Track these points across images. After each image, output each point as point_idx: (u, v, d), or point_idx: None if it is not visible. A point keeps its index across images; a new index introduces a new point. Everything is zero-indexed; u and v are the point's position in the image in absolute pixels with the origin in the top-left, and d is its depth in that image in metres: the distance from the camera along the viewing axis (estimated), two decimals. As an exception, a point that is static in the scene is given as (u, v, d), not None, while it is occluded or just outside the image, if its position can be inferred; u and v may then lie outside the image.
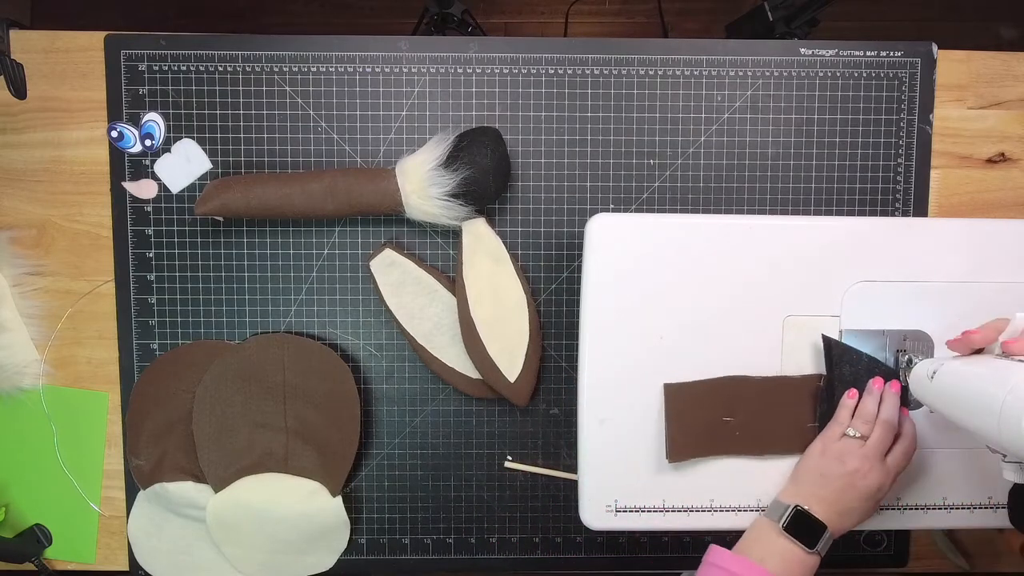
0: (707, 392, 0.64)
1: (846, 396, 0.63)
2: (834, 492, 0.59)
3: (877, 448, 0.59)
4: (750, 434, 0.65)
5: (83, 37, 0.74)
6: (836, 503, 0.59)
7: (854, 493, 0.59)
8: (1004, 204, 0.77)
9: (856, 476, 0.59)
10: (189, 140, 0.74)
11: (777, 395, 0.65)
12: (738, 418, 0.65)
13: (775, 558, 0.58)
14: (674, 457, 0.64)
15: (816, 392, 0.65)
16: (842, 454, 0.60)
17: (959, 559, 0.78)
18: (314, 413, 0.73)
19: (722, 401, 0.65)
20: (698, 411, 0.64)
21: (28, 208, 0.75)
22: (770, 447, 0.65)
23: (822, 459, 0.61)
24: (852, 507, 0.59)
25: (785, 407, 0.65)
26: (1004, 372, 0.48)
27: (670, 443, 0.64)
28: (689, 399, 0.64)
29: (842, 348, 0.64)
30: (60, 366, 0.76)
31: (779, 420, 0.65)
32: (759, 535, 0.60)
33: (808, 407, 0.65)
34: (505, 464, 0.76)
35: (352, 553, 0.77)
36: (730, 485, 0.65)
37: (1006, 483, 0.52)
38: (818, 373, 0.65)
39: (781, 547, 0.58)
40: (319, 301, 0.75)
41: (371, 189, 0.69)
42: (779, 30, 0.87)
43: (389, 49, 0.74)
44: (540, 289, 0.75)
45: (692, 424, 0.64)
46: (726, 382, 0.65)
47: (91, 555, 0.78)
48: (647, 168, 0.75)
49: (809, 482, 0.61)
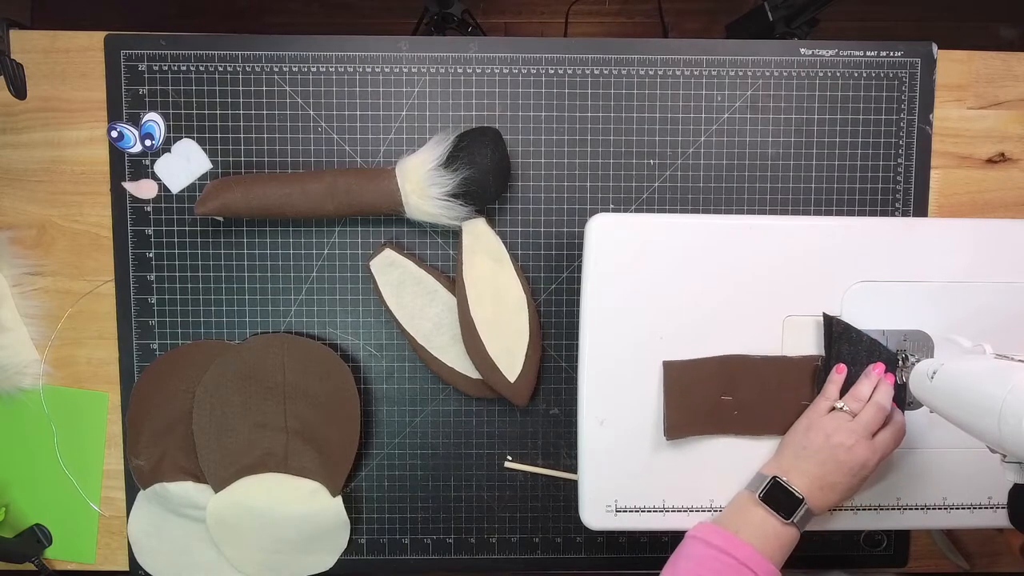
0: (706, 370, 0.64)
1: (834, 371, 0.63)
2: (816, 465, 0.59)
3: (865, 425, 0.60)
4: (748, 413, 0.65)
5: (83, 37, 0.74)
6: (818, 476, 0.59)
7: (837, 466, 0.59)
8: (1004, 204, 0.77)
9: (840, 449, 0.58)
10: (189, 140, 0.74)
11: (776, 375, 0.65)
12: (737, 397, 0.65)
13: (751, 528, 0.58)
14: (672, 434, 0.64)
15: (814, 372, 0.65)
16: (828, 427, 0.60)
17: (959, 559, 0.78)
18: (314, 413, 0.73)
19: (721, 380, 0.64)
20: (697, 389, 0.64)
21: (28, 208, 0.75)
22: (768, 427, 0.65)
23: (807, 432, 0.61)
24: (835, 481, 0.59)
25: (784, 387, 0.65)
26: (1004, 372, 0.48)
27: (668, 421, 0.64)
28: (688, 377, 0.64)
29: (842, 327, 0.64)
30: (60, 366, 0.76)
31: (778, 400, 0.65)
32: (738, 507, 0.61)
33: (807, 387, 0.65)
34: (505, 464, 0.76)
35: (352, 553, 0.77)
36: (730, 485, 0.65)
37: (1006, 483, 0.52)
38: (817, 354, 0.65)
39: (757, 517, 0.59)
40: (319, 301, 0.75)
41: (371, 189, 0.69)
42: (779, 30, 0.87)
43: (389, 49, 0.74)
44: (540, 289, 0.75)
45: (691, 402, 0.64)
46: (726, 360, 0.65)
47: (91, 555, 0.78)
48: (647, 168, 0.75)
49: (791, 455, 0.61)
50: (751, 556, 0.56)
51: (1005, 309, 0.66)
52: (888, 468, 0.66)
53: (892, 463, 0.66)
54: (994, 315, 0.65)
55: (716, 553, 0.57)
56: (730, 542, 0.57)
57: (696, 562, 0.58)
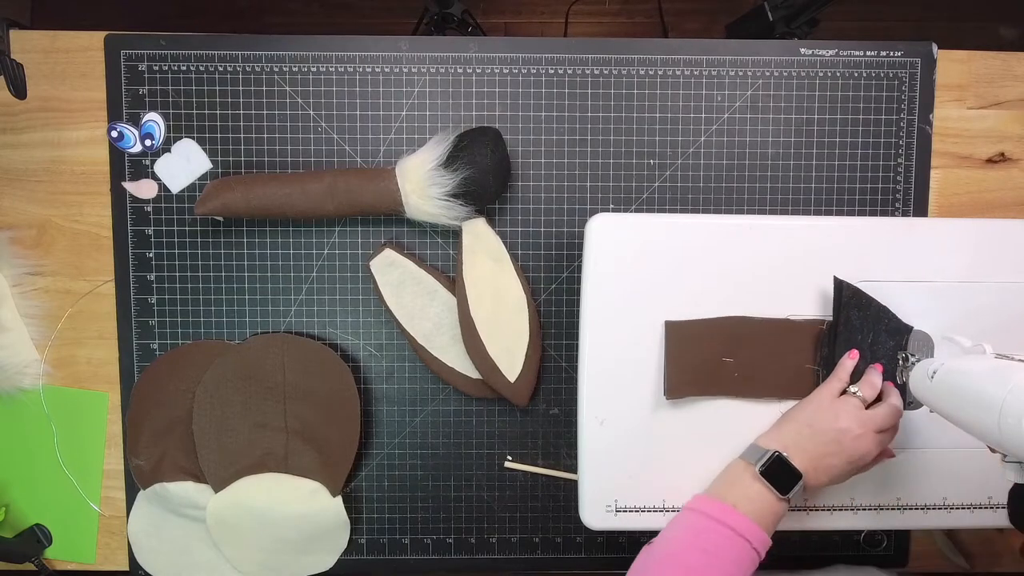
0: (708, 331, 0.64)
1: (847, 356, 0.63)
2: (819, 445, 0.59)
3: (876, 420, 0.59)
4: (749, 376, 0.64)
5: (83, 37, 0.74)
6: (818, 457, 0.59)
7: (838, 450, 0.58)
8: (1004, 204, 0.77)
9: (846, 435, 0.58)
10: (189, 140, 0.74)
11: (779, 337, 0.64)
12: (738, 359, 0.64)
13: (747, 501, 0.58)
14: (672, 394, 0.64)
15: (819, 336, 0.64)
16: (838, 410, 0.59)
17: (959, 559, 0.78)
18: (314, 413, 0.73)
19: (723, 341, 0.64)
20: (698, 350, 0.64)
21: (28, 208, 0.75)
22: (768, 390, 0.65)
23: (816, 412, 0.60)
24: (831, 464, 0.59)
25: (786, 350, 0.64)
26: (1004, 372, 0.48)
27: (668, 380, 0.64)
28: (690, 337, 0.64)
29: (852, 291, 0.63)
30: (60, 366, 0.76)
31: (779, 363, 0.64)
32: (734, 478, 0.60)
33: (809, 352, 0.65)
34: (505, 464, 0.76)
35: (352, 553, 0.77)
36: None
37: (1006, 483, 0.52)
38: (821, 318, 0.65)
39: (755, 491, 0.58)
40: (319, 301, 0.75)
41: (371, 189, 0.69)
42: (779, 30, 0.87)
43: (389, 49, 0.74)
44: (540, 289, 0.75)
45: (691, 362, 0.64)
46: (728, 322, 0.64)
47: (91, 555, 0.78)
48: (647, 168, 0.75)
49: (795, 431, 0.60)
50: (749, 528, 0.56)
51: (1005, 309, 0.66)
52: (888, 468, 0.66)
53: (892, 463, 0.66)
54: (994, 315, 0.66)
55: (715, 524, 0.57)
56: (728, 514, 0.57)
57: (694, 533, 0.58)
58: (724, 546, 0.56)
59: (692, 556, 0.56)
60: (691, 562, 0.55)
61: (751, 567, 0.56)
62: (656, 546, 0.58)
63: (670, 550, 0.57)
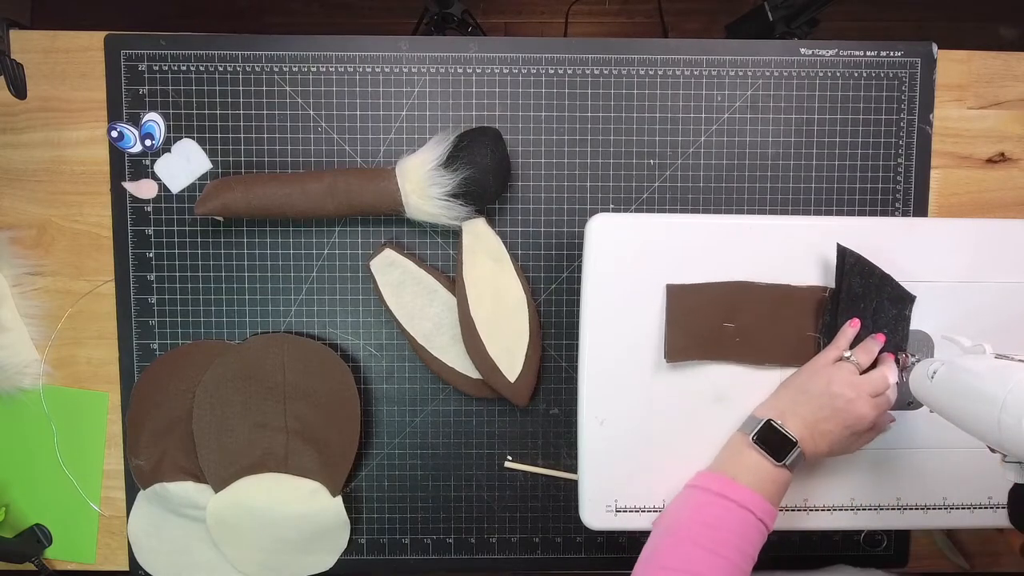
0: (709, 295, 0.64)
1: (848, 325, 0.63)
2: (813, 410, 0.59)
3: (869, 384, 0.59)
4: (750, 341, 0.64)
5: (83, 37, 0.74)
6: (814, 422, 0.59)
7: (833, 413, 0.58)
8: (1004, 204, 0.77)
9: (839, 399, 0.58)
10: (189, 140, 0.74)
11: (780, 304, 0.64)
12: (739, 324, 0.64)
13: (746, 471, 0.58)
14: (672, 357, 0.64)
15: (821, 303, 0.64)
16: (831, 375, 0.60)
17: (959, 559, 0.78)
18: (314, 413, 0.73)
19: (724, 306, 0.64)
20: (699, 314, 0.64)
21: (28, 208, 0.75)
22: (769, 356, 0.64)
23: (811, 377, 0.61)
24: (828, 429, 0.59)
25: (787, 316, 0.64)
26: (1004, 372, 0.48)
27: (669, 344, 0.64)
28: (691, 301, 0.64)
29: (855, 259, 0.63)
30: (60, 366, 0.76)
31: (780, 329, 0.64)
32: (732, 451, 0.61)
33: (811, 318, 0.64)
34: (505, 464, 0.76)
35: (352, 553, 0.77)
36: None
37: (1006, 483, 0.52)
38: (823, 285, 0.65)
39: (751, 460, 0.59)
40: (319, 301, 0.75)
41: (371, 189, 0.69)
42: (779, 30, 0.87)
43: (389, 49, 0.74)
44: (540, 289, 0.75)
45: (692, 326, 0.64)
46: (729, 287, 0.64)
47: (91, 555, 0.78)
48: (647, 168, 0.75)
49: (789, 398, 0.61)
50: (749, 498, 0.56)
51: (1005, 309, 0.66)
52: (888, 468, 0.66)
53: (892, 463, 0.66)
54: (994, 315, 0.66)
55: (715, 498, 0.57)
56: (728, 486, 0.57)
57: (695, 508, 0.58)
58: (726, 518, 0.56)
59: (696, 531, 0.56)
60: (697, 538, 0.55)
61: (758, 536, 0.56)
62: (660, 524, 0.59)
63: (672, 527, 0.58)
